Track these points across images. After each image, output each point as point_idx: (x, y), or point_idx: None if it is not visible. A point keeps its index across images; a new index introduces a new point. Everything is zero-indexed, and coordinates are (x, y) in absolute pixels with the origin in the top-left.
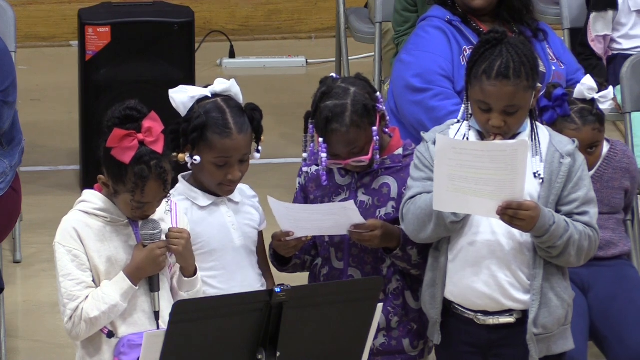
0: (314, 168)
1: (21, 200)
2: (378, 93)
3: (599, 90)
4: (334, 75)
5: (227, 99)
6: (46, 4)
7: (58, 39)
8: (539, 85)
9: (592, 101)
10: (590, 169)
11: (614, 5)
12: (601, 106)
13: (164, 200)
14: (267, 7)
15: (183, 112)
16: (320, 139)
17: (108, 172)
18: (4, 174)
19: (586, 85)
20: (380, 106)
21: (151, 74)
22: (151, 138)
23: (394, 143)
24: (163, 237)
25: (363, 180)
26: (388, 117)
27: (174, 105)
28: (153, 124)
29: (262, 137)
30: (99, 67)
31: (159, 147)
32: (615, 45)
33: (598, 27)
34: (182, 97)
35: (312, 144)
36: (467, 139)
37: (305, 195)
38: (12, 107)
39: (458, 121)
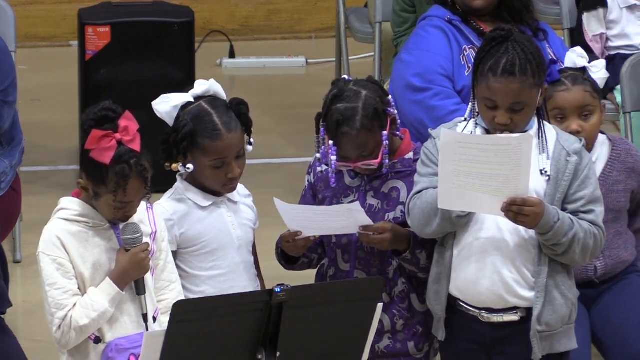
0: (323, 167)
1: (21, 200)
2: (390, 97)
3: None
4: (345, 77)
5: (211, 99)
6: (46, 4)
7: (58, 39)
8: (545, 85)
9: (584, 70)
10: (590, 144)
11: (603, 3)
12: (593, 75)
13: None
14: (267, 7)
15: (170, 121)
16: (331, 142)
17: (88, 175)
18: (4, 173)
19: (576, 53)
20: (391, 110)
21: (151, 74)
22: (128, 137)
23: (404, 146)
24: (145, 240)
25: (372, 184)
26: (399, 121)
27: (159, 116)
28: (129, 122)
29: (252, 129)
30: (99, 67)
31: (136, 146)
32: (610, 44)
33: (593, 26)
34: (165, 107)
35: (323, 146)
36: None
37: (314, 194)
38: (12, 107)
39: (465, 119)
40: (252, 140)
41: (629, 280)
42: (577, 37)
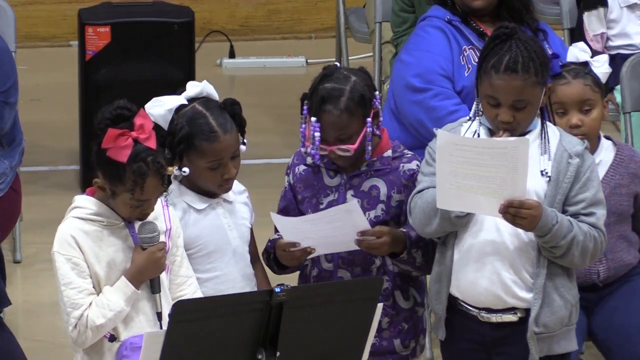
0: (302, 168)
1: (21, 200)
2: (377, 92)
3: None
4: (337, 64)
5: (205, 101)
6: (46, 4)
7: (58, 39)
8: (549, 84)
9: (586, 64)
10: (591, 139)
11: (603, 2)
12: (595, 70)
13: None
14: (267, 7)
15: (164, 125)
16: (313, 119)
17: (104, 174)
18: (4, 174)
19: (579, 47)
20: (377, 103)
21: (151, 74)
22: (144, 135)
23: (382, 144)
24: (162, 238)
25: (352, 182)
26: (382, 118)
27: (152, 119)
28: (144, 120)
29: (247, 129)
30: (99, 67)
31: (152, 143)
32: (610, 44)
33: (594, 26)
34: (159, 110)
35: (304, 125)
36: (479, 136)
37: (293, 195)
38: (13, 108)
39: (470, 119)
40: (245, 140)
41: (633, 283)
42: (577, 37)
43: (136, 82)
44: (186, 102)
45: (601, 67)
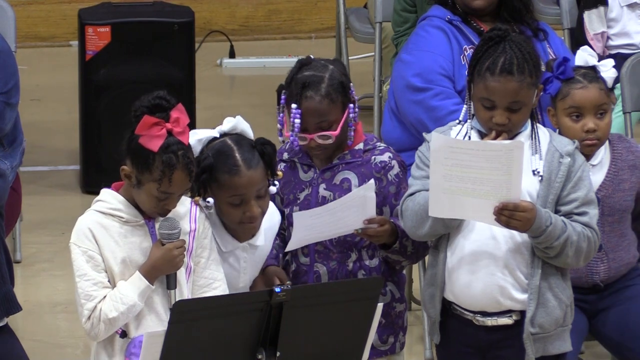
0: (282, 165)
1: (21, 200)
2: (351, 83)
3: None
4: (311, 56)
5: (236, 136)
6: (46, 4)
7: (58, 39)
8: (541, 85)
9: (594, 68)
10: (603, 143)
11: (603, 1)
12: (602, 74)
13: (184, 196)
14: (267, 7)
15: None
16: (294, 105)
17: (133, 160)
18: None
19: (587, 51)
20: (353, 92)
21: (151, 74)
22: (179, 128)
23: (356, 137)
24: (186, 239)
25: (324, 176)
26: (357, 110)
27: None
28: (181, 115)
29: (279, 172)
30: (99, 67)
31: (185, 139)
32: (610, 43)
33: (595, 25)
34: (190, 140)
35: (281, 114)
36: (470, 139)
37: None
38: (15, 109)
39: (460, 122)
40: (276, 182)
41: (633, 280)
42: (578, 36)
43: (136, 82)
44: (218, 136)
45: (608, 71)
